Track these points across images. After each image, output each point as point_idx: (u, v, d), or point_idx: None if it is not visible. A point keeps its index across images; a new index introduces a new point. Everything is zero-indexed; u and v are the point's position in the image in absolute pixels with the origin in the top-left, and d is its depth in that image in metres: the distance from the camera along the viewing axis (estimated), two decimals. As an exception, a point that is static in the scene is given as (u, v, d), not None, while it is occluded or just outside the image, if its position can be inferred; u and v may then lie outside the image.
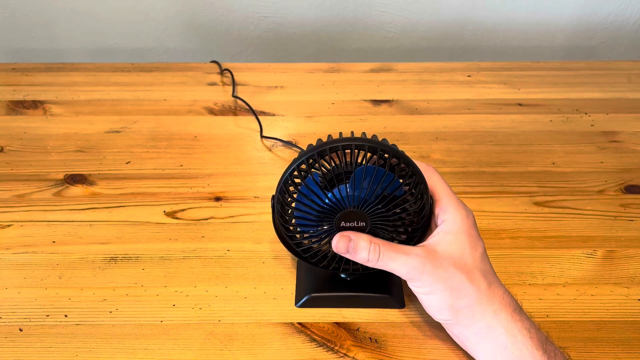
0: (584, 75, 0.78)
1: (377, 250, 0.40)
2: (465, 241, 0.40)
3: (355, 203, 0.40)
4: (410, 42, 0.94)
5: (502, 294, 0.39)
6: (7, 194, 0.57)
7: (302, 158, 0.40)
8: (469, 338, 0.40)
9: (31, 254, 0.50)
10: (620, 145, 0.65)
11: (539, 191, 0.58)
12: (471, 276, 0.39)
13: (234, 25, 0.92)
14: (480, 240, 0.41)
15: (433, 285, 0.39)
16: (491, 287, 0.39)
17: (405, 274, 0.40)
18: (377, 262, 0.40)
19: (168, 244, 0.51)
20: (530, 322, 0.38)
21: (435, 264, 0.39)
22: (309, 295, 0.46)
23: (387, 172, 0.40)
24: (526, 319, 0.38)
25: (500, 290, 0.39)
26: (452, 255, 0.40)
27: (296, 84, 0.76)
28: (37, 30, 0.91)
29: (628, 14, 0.92)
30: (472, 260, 0.40)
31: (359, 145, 0.40)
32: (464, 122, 0.68)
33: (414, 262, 0.39)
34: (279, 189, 0.42)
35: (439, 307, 0.40)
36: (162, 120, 0.68)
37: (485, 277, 0.39)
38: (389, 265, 0.40)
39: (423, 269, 0.39)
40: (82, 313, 0.45)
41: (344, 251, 0.41)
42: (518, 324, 0.38)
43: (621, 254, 0.51)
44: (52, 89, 0.74)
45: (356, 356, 0.42)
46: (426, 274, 0.39)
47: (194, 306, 0.46)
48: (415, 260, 0.39)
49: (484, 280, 0.39)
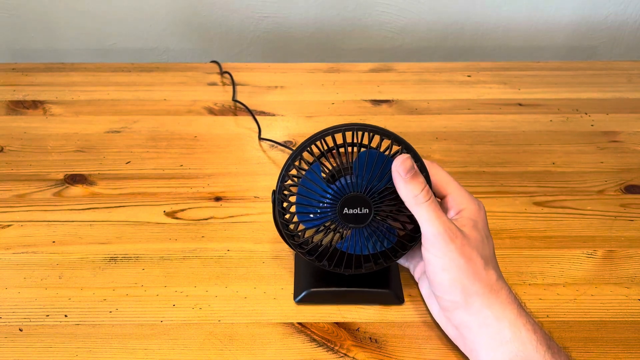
0: (584, 75, 0.78)
1: (429, 194, 0.39)
2: (483, 230, 0.41)
3: (360, 189, 0.40)
4: (410, 42, 0.94)
5: (508, 289, 0.40)
6: (7, 194, 0.57)
7: (306, 143, 0.41)
8: (471, 328, 0.39)
9: (31, 254, 0.50)
10: (621, 145, 0.65)
11: (539, 191, 0.58)
12: (487, 265, 0.39)
13: (234, 25, 0.92)
14: (491, 236, 0.42)
15: (455, 260, 0.38)
16: (499, 280, 0.39)
17: (436, 235, 0.39)
18: (422, 204, 0.39)
19: (168, 244, 0.51)
20: (534, 320, 0.38)
21: (464, 240, 0.39)
22: (308, 290, 0.46)
23: (389, 156, 0.40)
24: (530, 316, 0.38)
25: (507, 286, 0.40)
26: (474, 240, 0.40)
27: (296, 84, 0.76)
28: (37, 30, 0.91)
29: (628, 14, 0.92)
30: (488, 251, 0.40)
31: (361, 128, 0.40)
32: (464, 122, 0.68)
33: (450, 226, 0.39)
34: (281, 177, 0.42)
35: (452, 285, 0.39)
36: (162, 120, 0.68)
37: (495, 270, 0.40)
38: (429, 215, 0.39)
39: (454, 239, 0.39)
40: (82, 313, 0.45)
41: (405, 170, 0.39)
42: (523, 319, 0.38)
43: (621, 254, 0.51)
44: (52, 89, 0.74)
45: (356, 356, 0.42)
46: (454, 245, 0.38)
47: (194, 306, 0.46)
48: (451, 226, 0.39)
49: (494, 272, 0.40)
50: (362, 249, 0.43)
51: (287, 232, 0.44)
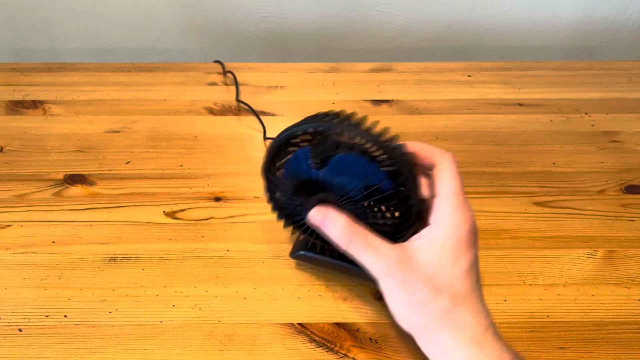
0: (584, 75, 0.78)
1: (349, 237, 0.39)
2: (448, 253, 0.37)
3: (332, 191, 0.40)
4: (410, 42, 0.94)
5: (468, 316, 0.36)
6: (7, 194, 0.57)
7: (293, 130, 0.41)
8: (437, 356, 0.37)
9: (31, 254, 0.50)
10: (621, 145, 0.65)
11: (540, 191, 0.58)
12: (438, 295, 0.36)
13: (234, 25, 0.91)
14: (468, 253, 0.37)
15: (395, 294, 0.38)
16: (456, 309, 0.36)
17: (372, 271, 0.38)
18: (347, 248, 0.39)
19: (168, 244, 0.51)
20: (500, 345, 0.36)
21: (404, 272, 0.37)
22: (303, 250, 0.47)
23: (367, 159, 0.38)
24: (495, 341, 0.36)
25: (466, 313, 0.36)
26: (427, 267, 0.37)
27: (296, 84, 0.76)
28: (37, 30, 0.91)
29: (628, 14, 0.92)
30: (448, 278, 0.37)
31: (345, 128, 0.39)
32: (464, 122, 0.68)
33: (383, 261, 0.37)
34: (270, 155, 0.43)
35: (402, 316, 0.38)
36: (162, 120, 0.68)
37: (454, 298, 0.36)
38: (357, 256, 0.39)
39: (392, 272, 0.37)
40: (81, 313, 0.45)
41: (317, 223, 0.40)
42: (482, 350, 0.35)
43: (622, 254, 0.51)
44: (52, 89, 0.74)
45: (356, 357, 0.42)
46: (393, 280, 0.37)
47: (193, 306, 0.46)
48: (385, 260, 0.37)
49: (449, 301, 0.36)
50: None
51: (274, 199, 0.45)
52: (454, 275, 0.37)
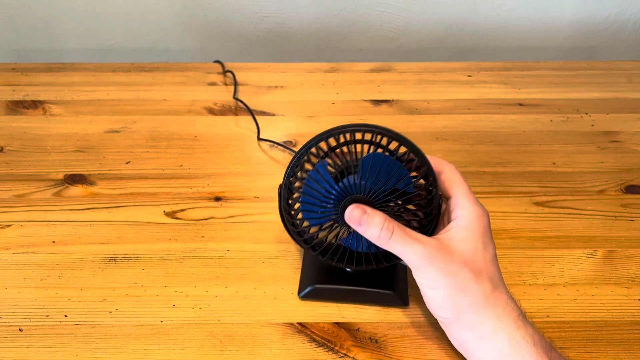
0: (584, 75, 0.78)
1: (390, 230, 0.39)
2: (478, 240, 0.39)
3: (363, 191, 0.40)
4: (410, 42, 0.94)
5: (507, 299, 0.38)
6: (7, 194, 0.57)
7: (313, 142, 0.41)
8: (469, 342, 0.39)
9: (31, 254, 0.50)
10: (621, 145, 0.65)
11: (540, 191, 0.58)
12: (479, 277, 0.38)
13: (234, 25, 0.91)
14: (492, 242, 0.41)
15: (439, 279, 0.38)
16: (496, 291, 0.38)
17: (413, 261, 0.39)
18: (388, 242, 0.39)
19: (168, 244, 0.51)
20: (534, 329, 0.37)
21: (446, 257, 0.38)
22: (313, 286, 0.46)
23: (394, 160, 0.40)
24: (530, 325, 0.38)
25: (505, 296, 0.39)
26: (464, 252, 0.39)
27: (296, 84, 0.76)
28: (37, 30, 0.91)
29: (628, 14, 0.92)
30: (482, 261, 0.39)
31: (370, 130, 0.40)
32: (464, 122, 0.68)
33: (424, 250, 0.38)
34: (287, 173, 0.42)
35: (441, 303, 0.39)
36: (162, 120, 0.68)
37: (492, 281, 0.39)
38: (399, 249, 0.39)
39: (433, 260, 0.38)
40: (82, 313, 0.45)
41: (356, 222, 0.40)
42: (521, 330, 0.37)
43: (622, 254, 0.51)
44: (52, 89, 0.74)
45: (356, 356, 0.42)
46: (435, 267, 0.38)
47: (193, 306, 0.46)
48: (426, 249, 0.38)
49: (489, 283, 0.38)
50: (363, 247, 0.43)
51: (293, 227, 0.44)
52: (487, 260, 0.39)
